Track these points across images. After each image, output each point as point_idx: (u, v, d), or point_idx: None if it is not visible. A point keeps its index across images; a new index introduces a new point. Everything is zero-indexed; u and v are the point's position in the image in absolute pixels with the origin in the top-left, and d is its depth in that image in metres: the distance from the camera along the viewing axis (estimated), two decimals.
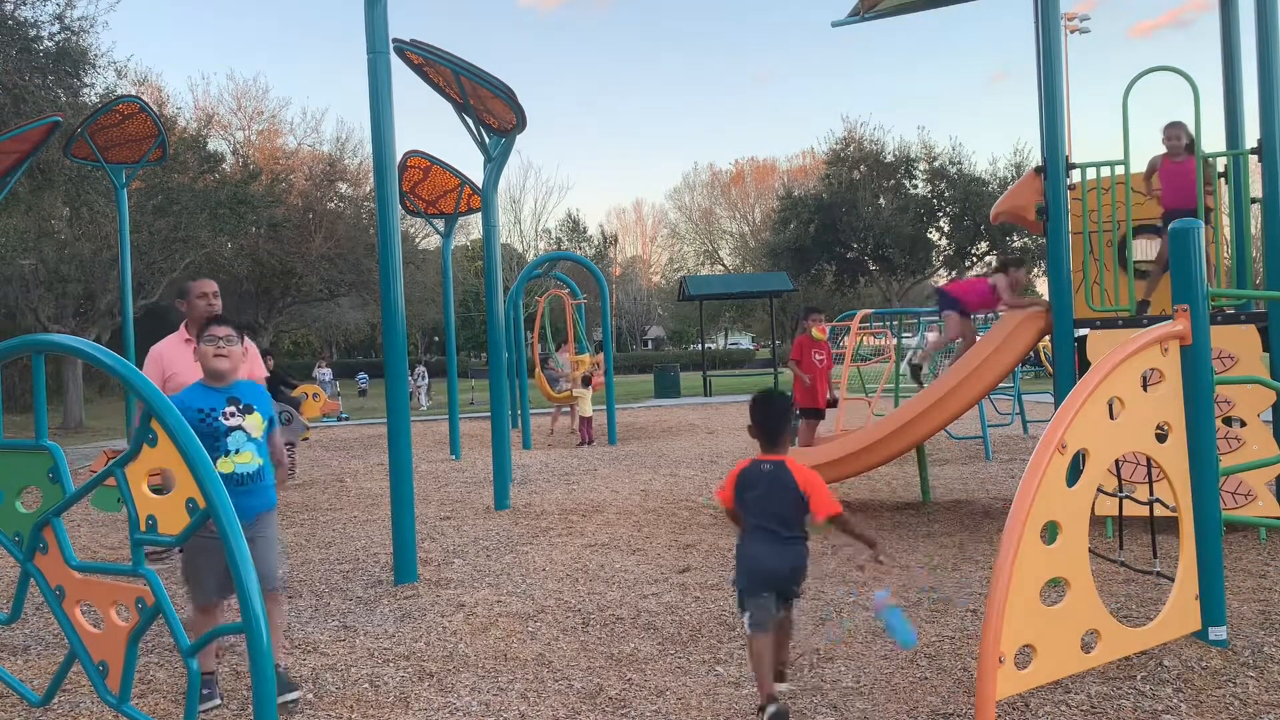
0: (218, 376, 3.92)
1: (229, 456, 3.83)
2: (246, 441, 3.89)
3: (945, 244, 41.33)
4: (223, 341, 3.92)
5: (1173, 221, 6.76)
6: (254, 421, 3.95)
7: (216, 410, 3.84)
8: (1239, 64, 7.55)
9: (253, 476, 3.92)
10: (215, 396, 3.89)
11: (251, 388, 4.07)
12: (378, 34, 6.01)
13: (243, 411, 3.92)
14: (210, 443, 3.67)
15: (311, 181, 37.34)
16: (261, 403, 4.02)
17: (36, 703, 3.61)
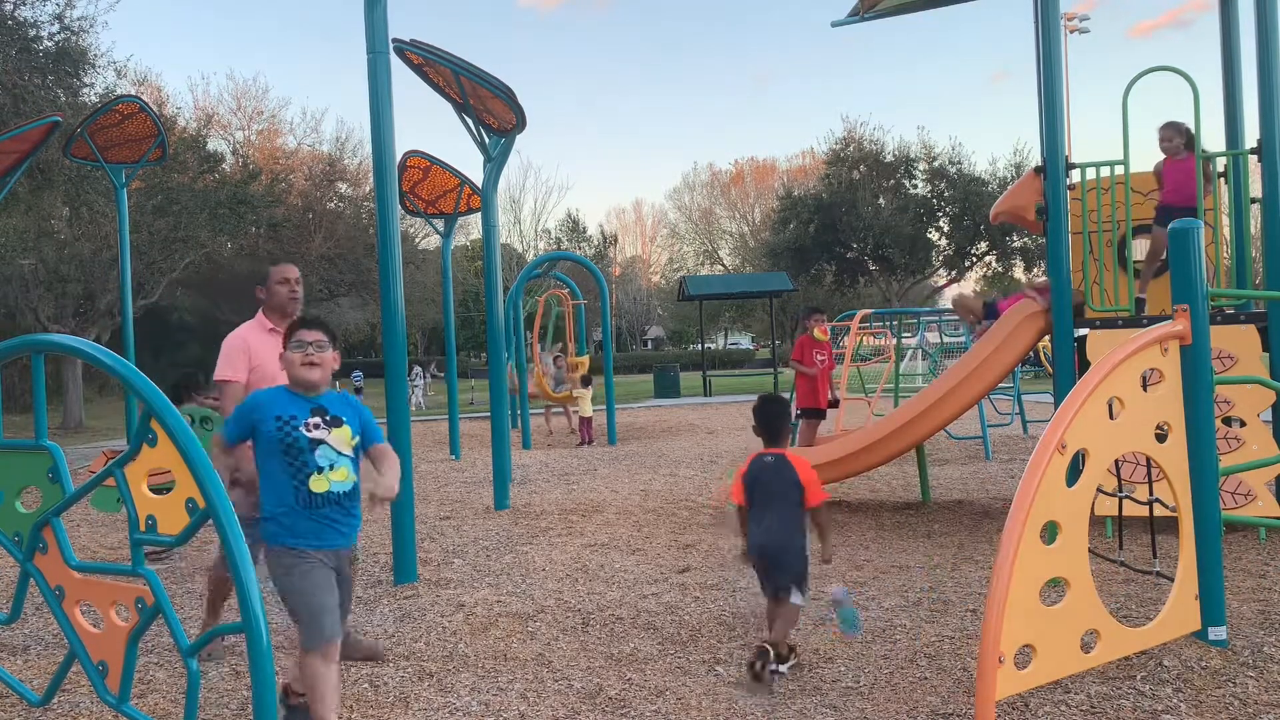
0: (307, 386, 3.45)
1: (322, 474, 3.33)
2: (339, 457, 3.39)
3: (945, 244, 41.35)
4: (313, 348, 3.46)
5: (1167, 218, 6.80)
6: (342, 436, 3.43)
7: (298, 420, 3.34)
8: (1239, 64, 7.55)
9: (350, 497, 3.44)
10: (298, 403, 3.40)
11: (342, 400, 3.54)
12: (378, 34, 6.01)
13: (329, 424, 3.40)
14: (293, 458, 3.30)
15: (311, 181, 37.34)
16: (352, 415, 3.50)
17: (36, 703, 3.61)
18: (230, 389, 4.35)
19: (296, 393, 3.45)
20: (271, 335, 4.43)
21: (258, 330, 4.53)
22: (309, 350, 3.46)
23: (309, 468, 3.32)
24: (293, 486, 3.31)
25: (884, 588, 5.41)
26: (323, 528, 3.34)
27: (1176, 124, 6.94)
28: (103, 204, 20.32)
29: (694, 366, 39.29)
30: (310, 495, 3.32)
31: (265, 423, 3.32)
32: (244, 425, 3.39)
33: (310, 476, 3.32)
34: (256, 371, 4.34)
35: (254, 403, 3.42)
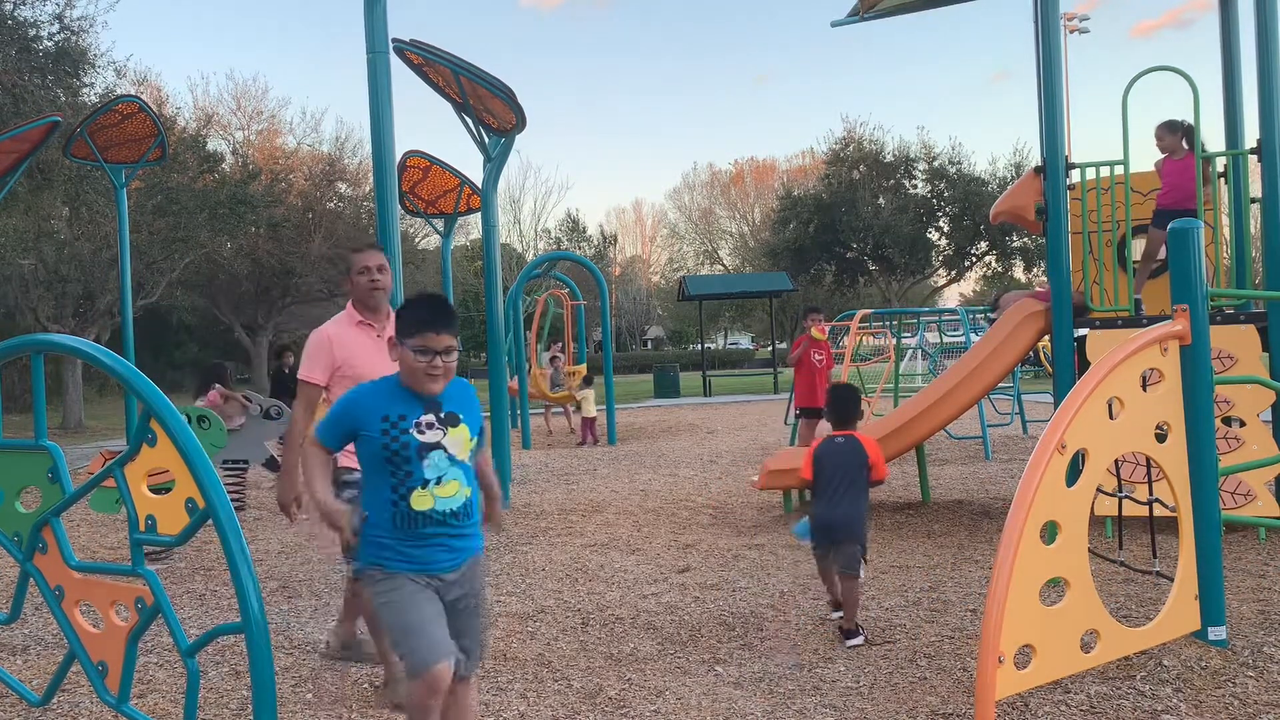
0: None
1: (427, 488, 2.75)
2: (450, 466, 2.79)
3: (945, 244, 41.34)
4: (441, 357, 2.77)
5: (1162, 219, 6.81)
6: (459, 438, 2.82)
7: (409, 419, 2.75)
8: (1239, 64, 7.55)
9: (460, 515, 2.83)
10: (409, 400, 2.79)
11: (460, 390, 2.90)
12: (378, 34, 6.02)
13: (444, 423, 2.80)
14: (398, 467, 2.75)
15: (311, 181, 37.33)
16: (471, 411, 2.90)
17: (36, 703, 3.61)
18: (305, 391, 3.94)
19: (407, 388, 2.83)
20: (362, 329, 3.98)
21: (345, 325, 4.01)
22: (435, 360, 2.76)
23: (413, 480, 2.75)
24: (391, 503, 2.77)
25: (884, 588, 5.41)
26: (424, 549, 2.80)
27: (1172, 123, 6.93)
28: (102, 204, 20.31)
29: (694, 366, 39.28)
30: (410, 514, 2.76)
31: (369, 425, 2.77)
32: (343, 427, 2.86)
33: (413, 492, 2.75)
34: (343, 371, 3.88)
35: (355, 399, 2.86)
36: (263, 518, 8.75)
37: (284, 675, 4.26)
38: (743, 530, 7.25)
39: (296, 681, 4.20)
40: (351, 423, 2.83)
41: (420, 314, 2.81)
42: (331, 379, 3.93)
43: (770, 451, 11.11)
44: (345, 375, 3.83)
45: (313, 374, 3.94)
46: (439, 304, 2.87)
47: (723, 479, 10.01)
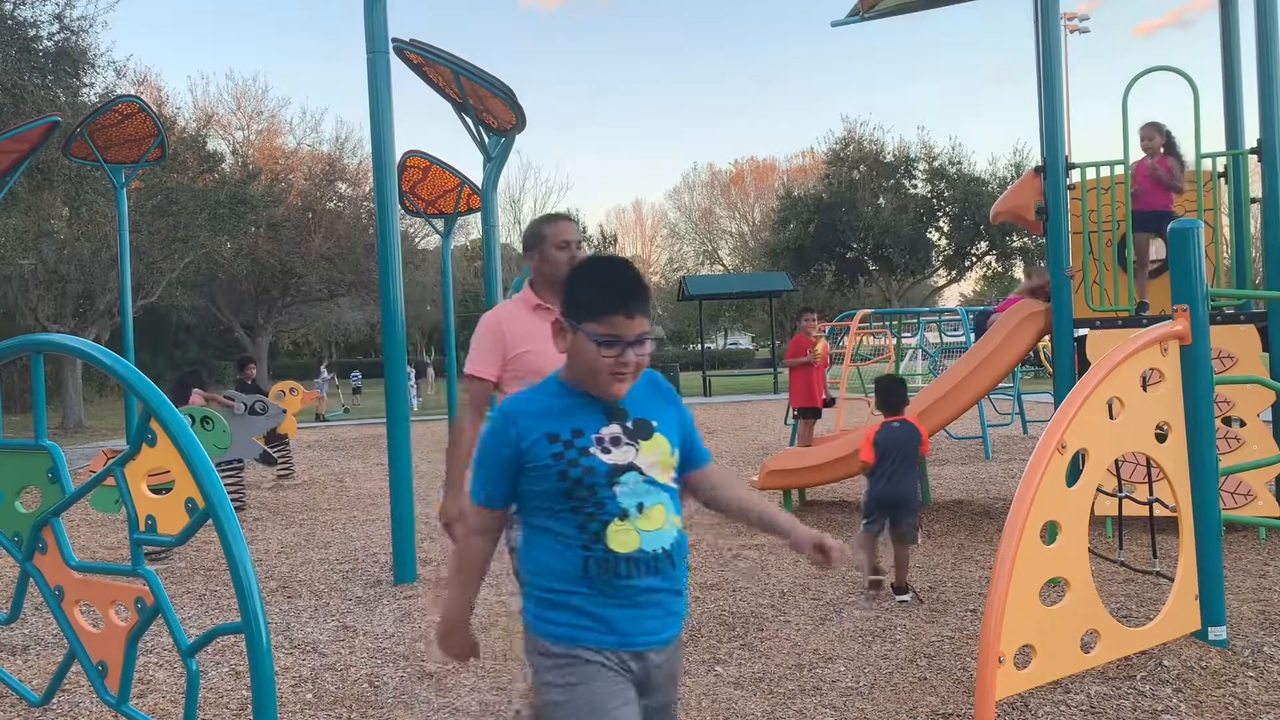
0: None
1: (628, 521, 1.98)
2: (653, 489, 2.02)
3: (945, 244, 41.34)
4: (633, 349, 1.99)
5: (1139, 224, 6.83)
6: (656, 452, 2.05)
7: (587, 432, 2.00)
8: (1239, 64, 7.55)
9: (675, 557, 2.06)
10: (582, 407, 2.03)
11: (649, 385, 2.15)
12: (378, 34, 6.01)
13: (635, 434, 2.03)
14: (581, 501, 1.97)
15: (311, 181, 37.36)
16: (667, 414, 2.14)
17: (36, 703, 3.61)
18: (476, 389, 3.28)
19: (578, 390, 2.05)
20: (539, 315, 3.22)
21: (520, 309, 3.32)
22: (627, 354, 1.99)
23: (606, 513, 1.98)
24: (580, 545, 1.99)
25: (884, 588, 5.40)
26: (632, 610, 2.02)
27: (1158, 124, 6.93)
28: (102, 204, 20.32)
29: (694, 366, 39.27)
30: (609, 559, 1.98)
31: (532, 451, 2.00)
32: (500, 466, 2.04)
33: (608, 527, 1.98)
34: (521, 361, 3.19)
35: (507, 419, 2.03)
36: (263, 518, 8.74)
37: (284, 675, 4.26)
38: (743, 530, 7.25)
39: (296, 681, 4.20)
40: (510, 454, 2.02)
41: (606, 288, 2.00)
42: (503, 373, 3.26)
43: (770, 452, 11.11)
44: (518, 370, 3.18)
45: (482, 366, 3.26)
46: (629, 274, 2.06)
47: None
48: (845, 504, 8.26)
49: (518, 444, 2.02)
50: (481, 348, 3.30)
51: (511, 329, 3.26)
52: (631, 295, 2.04)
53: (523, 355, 3.20)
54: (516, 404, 2.09)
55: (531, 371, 3.06)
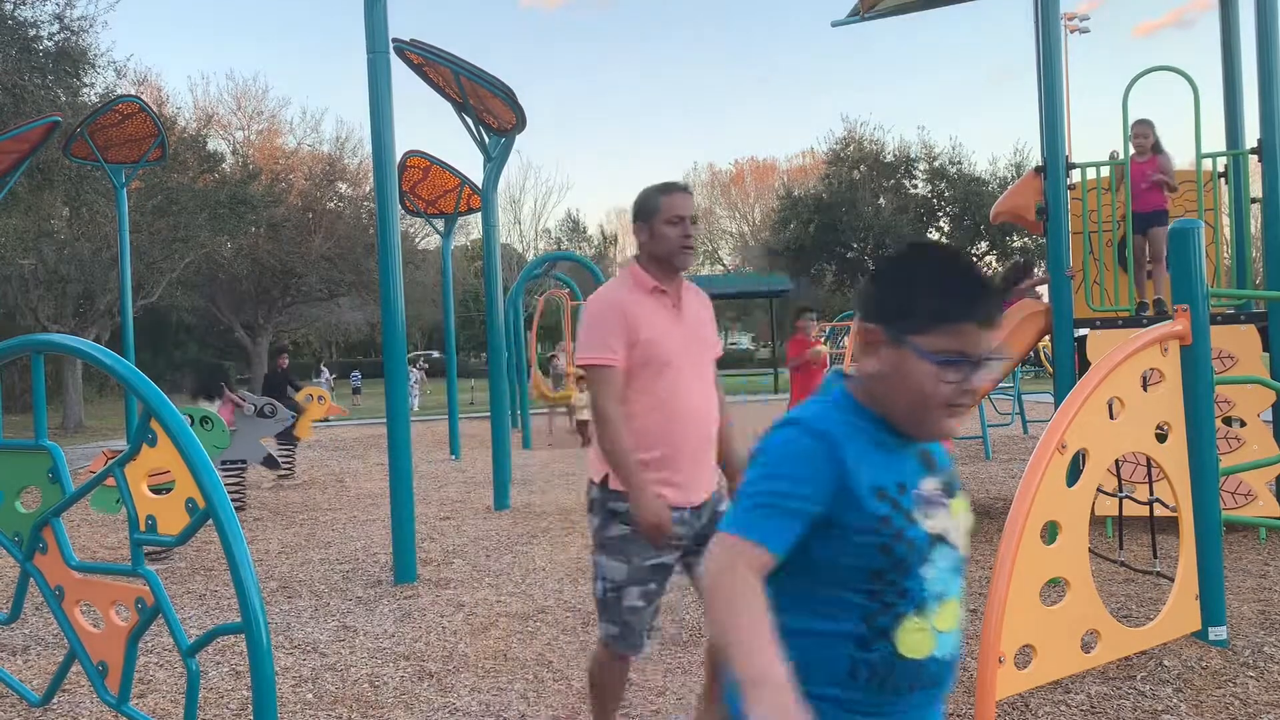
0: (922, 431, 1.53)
1: (924, 615, 1.48)
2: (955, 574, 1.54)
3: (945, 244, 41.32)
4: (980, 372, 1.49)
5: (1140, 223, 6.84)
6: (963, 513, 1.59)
7: (909, 487, 1.51)
8: (1239, 64, 7.55)
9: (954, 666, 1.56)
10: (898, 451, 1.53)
11: None
12: (378, 34, 6.01)
13: (947, 489, 1.57)
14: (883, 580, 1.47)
15: (311, 181, 37.35)
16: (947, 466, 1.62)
17: (36, 703, 3.61)
18: (604, 376, 2.84)
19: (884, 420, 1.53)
20: (656, 298, 2.92)
21: (634, 289, 2.94)
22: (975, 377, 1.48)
23: (906, 602, 1.48)
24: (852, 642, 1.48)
25: None
26: None
27: (1150, 122, 6.93)
28: (103, 204, 20.33)
29: None
30: (890, 664, 1.48)
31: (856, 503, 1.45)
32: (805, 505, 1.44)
33: (902, 622, 1.48)
34: (646, 349, 2.85)
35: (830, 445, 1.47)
36: (263, 518, 8.75)
37: (284, 675, 4.26)
38: None
39: (296, 681, 4.20)
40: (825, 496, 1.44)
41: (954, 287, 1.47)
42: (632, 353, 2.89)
43: None
44: (639, 354, 2.86)
45: (606, 352, 2.84)
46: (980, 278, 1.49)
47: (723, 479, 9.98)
48: None
49: (840, 485, 1.44)
50: (602, 330, 2.87)
51: (634, 313, 2.86)
52: (988, 295, 1.48)
53: (642, 342, 2.84)
54: (832, 423, 1.49)
55: (652, 362, 2.85)
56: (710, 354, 3.05)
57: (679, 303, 2.98)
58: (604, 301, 2.95)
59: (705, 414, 2.95)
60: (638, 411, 2.86)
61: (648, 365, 2.85)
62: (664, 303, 2.96)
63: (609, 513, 2.89)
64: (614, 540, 2.88)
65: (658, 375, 2.86)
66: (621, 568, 2.87)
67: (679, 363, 2.88)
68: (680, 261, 2.96)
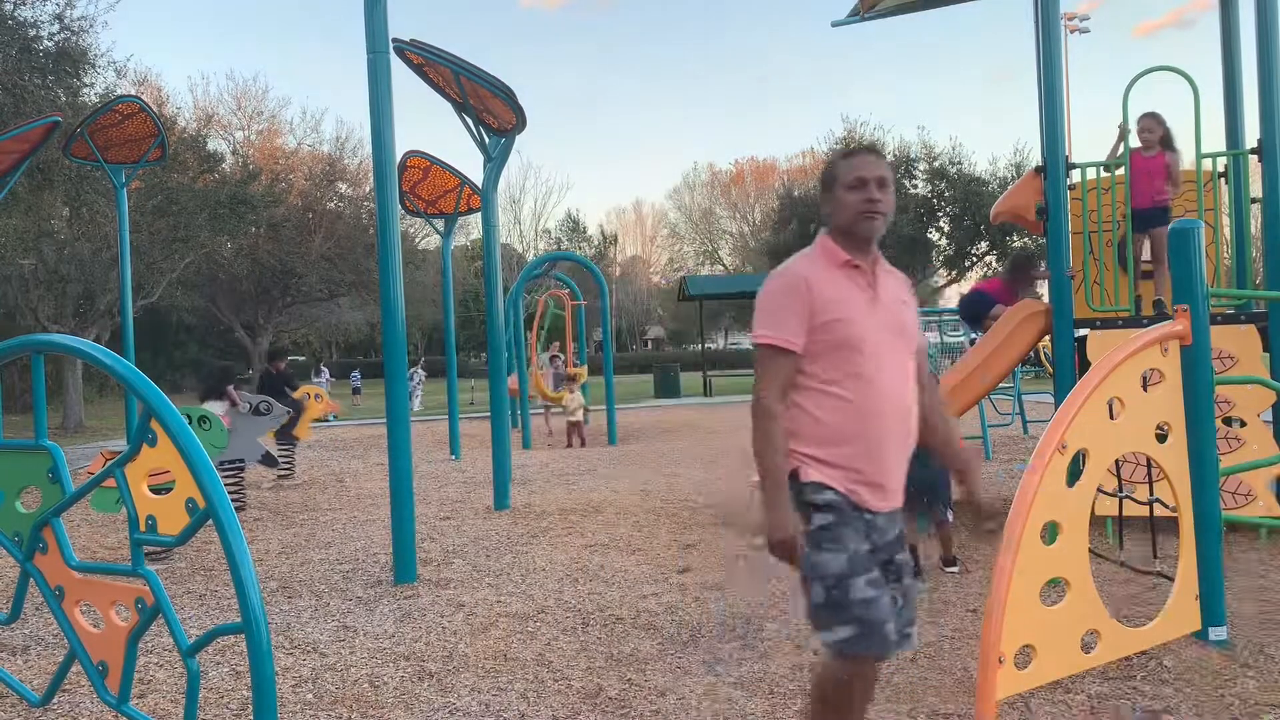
0: None
1: None
2: None
3: (945, 244, 41.33)
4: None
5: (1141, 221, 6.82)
6: None
7: None
8: (1239, 64, 7.55)
9: None
10: None
11: None
12: (378, 34, 6.01)
13: None
14: None
15: (311, 181, 37.37)
16: None
17: (36, 703, 3.61)
18: (773, 361, 2.59)
19: None
20: (847, 273, 2.63)
21: (823, 264, 2.65)
22: None
23: None
24: None
25: None
26: None
27: (1158, 115, 6.89)
28: (103, 204, 20.33)
29: (694, 367, 39.29)
30: None
31: None
32: None
33: None
34: (826, 334, 2.56)
35: None
36: (263, 518, 8.75)
37: (284, 675, 4.26)
38: (743, 530, 7.25)
39: (296, 681, 4.20)
40: None
41: None
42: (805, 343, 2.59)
43: None
44: (826, 339, 2.56)
45: (782, 333, 2.58)
46: None
47: (723, 479, 10.00)
48: None
49: None
50: (781, 309, 2.58)
51: (821, 291, 2.58)
52: None
53: (831, 324, 2.55)
54: None
55: (842, 345, 2.55)
56: (910, 342, 2.69)
57: (874, 281, 2.65)
58: (788, 275, 2.62)
59: (904, 407, 2.63)
60: (825, 404, 2.56)
61: (837, 350, 2.54)
62: (857, 280, 2.63)
63: (805, 506, 2.59)
64: (820, 531, 2.55)
65: (849, 362, 2.54)
66: (839, 558, 2.52)
67: (874, 349, 2.56)
68: (864, 230, 2.62)
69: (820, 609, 2.53)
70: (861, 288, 2.62)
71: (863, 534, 2.55)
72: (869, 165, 2.64)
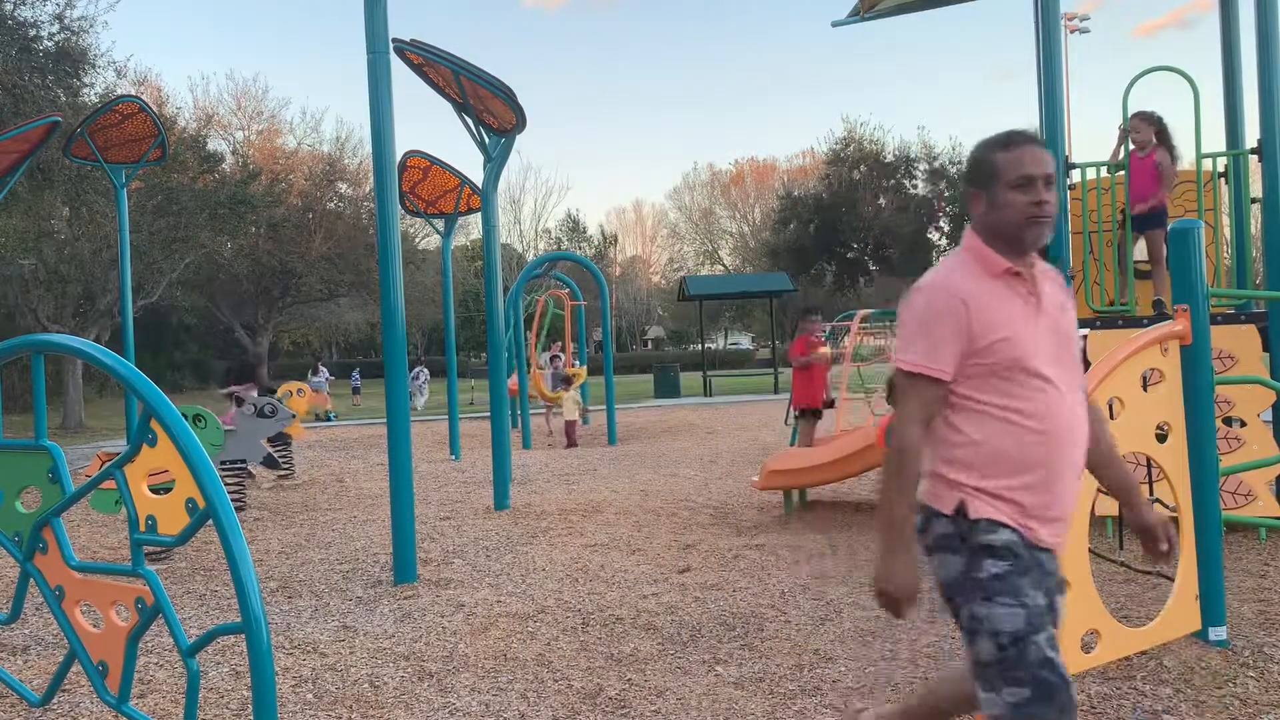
0: None
1: None
2: None
3: (945, 244, 41.37)
4: None
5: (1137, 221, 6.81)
6: None
7: None
8: (1239, 64, 7.56)
9: None
10: None
11: None
12: (378, 34, 6.01)
13: None
14: None
15: (311, 181, 37.37)
16: None
17: (36, 703, 3.61)
18: (919, 391, 2.28)
19: None
20: (1007, 284, 2.28)
21: (978, 274, 2.30)
22: None
23: None
24: None
25: None
26: None
27: (1148, 114, 6.84)
28: (103, 204, 20.33)
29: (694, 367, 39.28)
30: None
31: None
32: None
33: None
34: (988, 357, 2.23)
35: None
36: (263, 518, 8.75)
37: (284, 675, 4.26)
38: (743, 530, 7.25)
39: (296, 681, 4.20)
40: None
41: None
42: (962, 368, 2.27)
43: (770, 452, 11.11)
44: (989, 361, 2.23)
45: (933, 360, 2.25)
46: None
47: (723, 479, 10.01)
48: (846, 503, 8.26)
49: None
50: (933, 332, 2.24)
51: (980, 311, 2.23)
52: None
53: (994, 346, 2.22)
54: None
55: (1007, 368, 2.22)
56: (1075, 351, 2.37)
57: (1036, 289, 2.30)
58: (941, 293, 2.26)
59: (1076, 425, 2.31)
60: (993, 428, 2.25)
61: (1003, 374, 2.23)
62: (1018, 290, 2.29)
63: (977, 548, 2.23)
64: (994, 580, 2.20)
65: (1016, 385, 2.23)
66: (1016, 614, 2.18)
67: (1042, 368, 2.25)
68: (1033, 238, 2.27)
69: (989, 668, 2.20)
70: (1023, 297, 2.29)
71: (1038, 582, 2.26)
72: (1036, 160, 2.25)
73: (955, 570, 2.26)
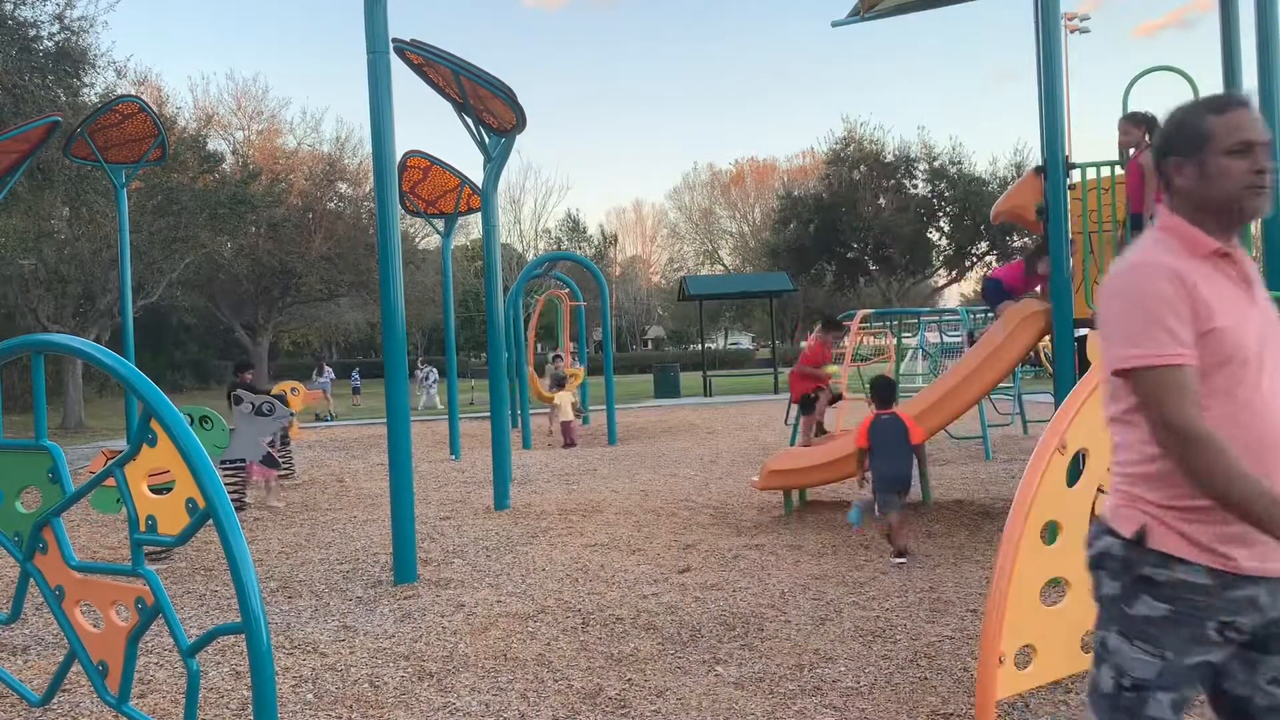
0: None
1: None
2: None
3: (945, 244, 41.34)
4: None
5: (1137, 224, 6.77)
6: None
7: None
8: (1239, 64, 7.55)
9: None
10: None
11: None
12: (378, 34, 6.01)
13: None
14: None
15: (311, 181, 37.38)
16: None
17: (36, 703, 3.61)
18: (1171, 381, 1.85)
19: None
20: (1216, 266, 1.96)
21: (1184, 254, 1.95)
22: None
23: None
24: None
25: (884, 588, 5.40)
26: None
27: (1136, 115, 6.79)
28: (103, 204, 20.32)
29: (694, 367, 39.31)
30: None
31: None
32: None
33: None
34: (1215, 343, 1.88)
35: None
36: (263, 518, 8.75)
37: (284, 675, 4.26)
38: (743, 530, 7.25)
39: (296, 681, 4.20)
40: None
41: None
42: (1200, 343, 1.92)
43: (770, 452, 11.11)
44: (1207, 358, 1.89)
45: (1169, 346, 1.86)
46: None
47: (723, 479, 10.01)
48: (846, 503, 8.26)
49: None
50: (1154, 313, 1.87)
51: (1197, 288, 1.89)
52: None
53: (1209, 335, 1.88)
54: None
55: (1227, 362, 1.89)
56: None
57: (1246, 273, 1.99)
58: (1150, 270, 1.91)
59: None
60: None
61: (1221, 367, 1.89)
62: (1229, 273, 1.97)
63: (1141, 581, 1.97)
64: (1144, 622, 1.96)
65: (1235, 380, 1.90)
66: (1153, 663, 1.95)
67: (1260, 360, 1.92)
68: (1254, 209, 1.96)
69: (1102, 700, 2.02)
70: (1235, 282, 1.96)
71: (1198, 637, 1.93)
72: (1254, 126, 1.94)
73: (1111, 594, 2.03)
